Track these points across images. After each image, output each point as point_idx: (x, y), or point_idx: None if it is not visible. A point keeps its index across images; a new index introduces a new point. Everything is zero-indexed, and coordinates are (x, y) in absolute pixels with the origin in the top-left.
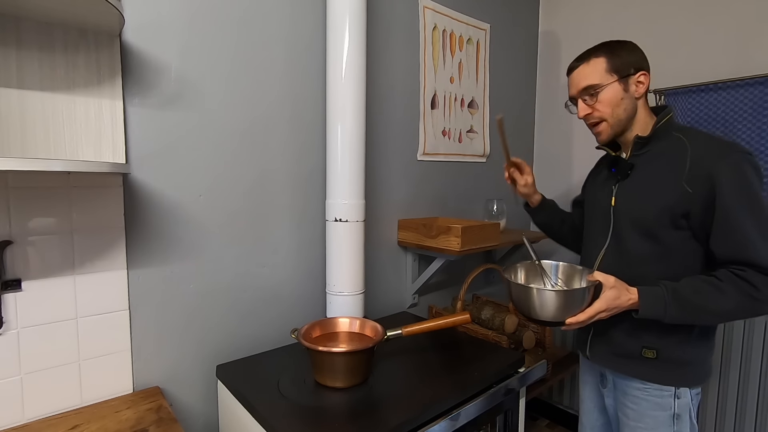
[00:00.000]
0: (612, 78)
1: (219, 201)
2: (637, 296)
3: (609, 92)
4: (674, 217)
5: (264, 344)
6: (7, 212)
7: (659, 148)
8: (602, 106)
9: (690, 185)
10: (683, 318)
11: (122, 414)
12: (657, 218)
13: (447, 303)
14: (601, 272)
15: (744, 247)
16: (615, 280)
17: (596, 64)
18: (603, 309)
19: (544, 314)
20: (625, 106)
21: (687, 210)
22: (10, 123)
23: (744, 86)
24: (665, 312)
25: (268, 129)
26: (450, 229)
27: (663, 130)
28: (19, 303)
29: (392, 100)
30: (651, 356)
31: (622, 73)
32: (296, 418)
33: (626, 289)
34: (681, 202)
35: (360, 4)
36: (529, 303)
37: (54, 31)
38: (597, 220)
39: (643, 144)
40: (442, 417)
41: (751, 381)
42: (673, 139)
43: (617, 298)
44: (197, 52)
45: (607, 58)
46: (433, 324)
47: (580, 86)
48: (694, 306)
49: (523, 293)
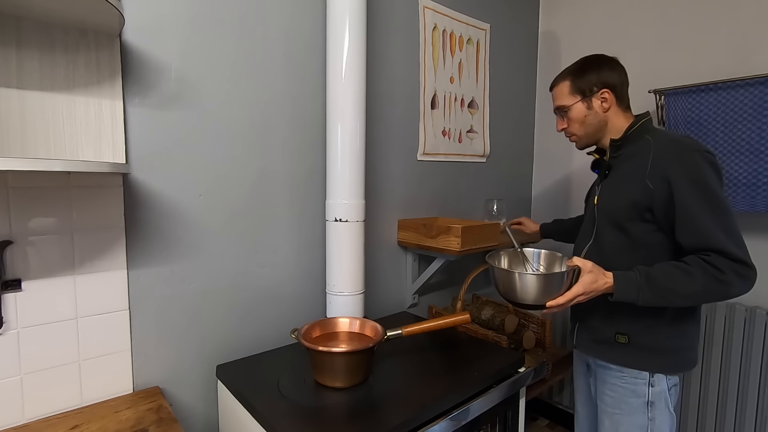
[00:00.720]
0: (575, 99)
1: (219, 201)
2: (612, 280)
3: (574, 112)
4: (640, 210)
5: (264, 344)
6: (7, 212)
7: (631, 149)
8: (571, 123)
9: (651, 182)
10: (655, 300)
11: (122, 414)
12: (626, 212)
13: (447, 303)
14: (579, 257)
15: (705, 237)
16: (592, 265)
17: (562, 87)
18: (581, 292)
19: (525, 298)
20: (591, 121)
21: (650, 204)
22: (10, 123)
23: (744, 86)
24: (638, 295)
25: (268, 129)
26: (450, 229)
27: (636, 134)
28: (19, 303)
29: (392, 100)
30: (623, 341)
31: (585, 94)
32: (296, 418)
33: (603, 274)
34: (644, 197)
35: (360, 4)
36: (511, 287)
37: (54, 31)
38: (587, 217)
39: (618, 147)
40: (442, 417)
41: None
42: (643, 141)
43: (594, 281)
44: (197, 52)
45: (571, 81)
46: (433, 324)
47: (555, 105)
48: (664, 289)
49: (505, 277)
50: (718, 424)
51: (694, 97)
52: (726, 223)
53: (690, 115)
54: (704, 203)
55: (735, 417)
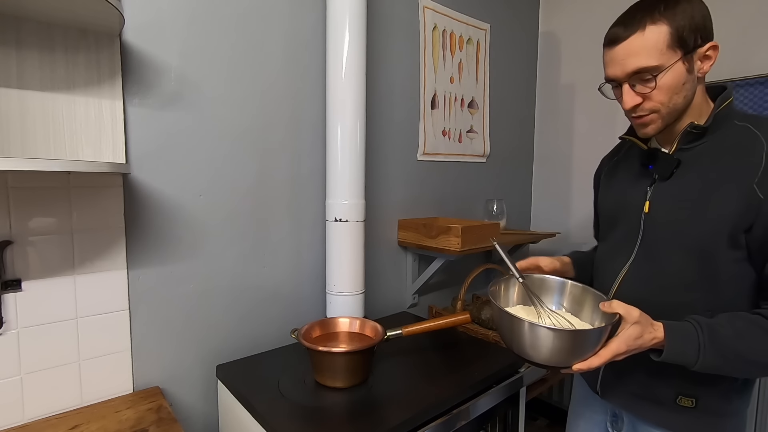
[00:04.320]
0: (676, 56)
1: (219, 201)
2: (662, 334)
3: (671, 76)
4: (735, 231)
5: (264, 344)
6: (7, 212)
7: (718, 140)
8: (660, 94)
9: (762, 189)
10: (717, 366)
11: (122, 414)
12: (714, 233)
13: (447, 303)
14: (621, 301)
15: None
16: (640, 314)
17: (656, 34)
18: (622, 351)
19: (540, 357)
20: (686, 91)
21: (752, 222)
22: (10, 123)
23: (744, 86)
24: (698, 357)
25: (268, 129)
26: (450, 229)
27: (723, 118)
28: (19, 303)
29: (392, 100)
30: (689, 405)
31: (687, 47)
32: (296, 418)
33: (651, 325)
34: (747, 212)
35: (360, 4)
36: (520, 340)
37: (54, 31)
38: (619, 228)
39: (698, 135)
40: (442, 417)
41: None
42: (737, 129)
43: (639, 336)
44: (197, 52)
45: (670, 25)
46: (433, 324)
47: (630, 68)
48: (735, 353)
49: (513, 327)
50: None
51: None
52: None
53: None
54: None
55: None
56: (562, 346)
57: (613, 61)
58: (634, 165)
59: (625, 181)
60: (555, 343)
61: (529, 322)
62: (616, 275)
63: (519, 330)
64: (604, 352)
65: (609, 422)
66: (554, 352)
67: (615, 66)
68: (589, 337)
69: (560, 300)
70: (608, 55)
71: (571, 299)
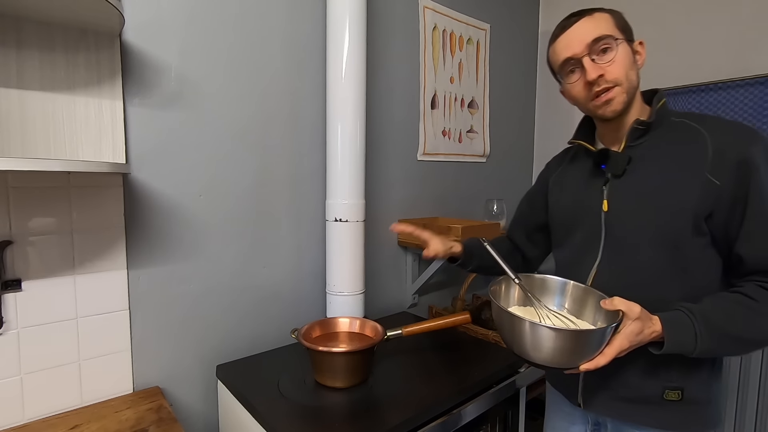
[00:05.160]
0: (622, 36)
1: (219, 201)
2: (660, 327)
3: (623, 51)
4: (697, 218)
5: (264, 344)
6: (7, 212)
7: (661, 136)
8: (617, 66)
9: (717, 176)
10: (714, 350)
11: (122, 414)
12: (677, 222)
13: (447, 303)
14: (623, 299)
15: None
16: (641, 310)
17: (602, 18)
18: (625, 347)
19: (539, 357)
20: (636, 72)
21: (712, 208)
22: (10, 123)
23: (744, 86)
24: (696, 345)
25: (268, 129)
26: (450, 229)
27: (662, 115)
28: (19, 303)
29: (392, 100)
30: (675, 398)
31: (628, 35)
32: (296, 418)
33: (649, 319)
34: (707, 199)
35: (360, 4)
36: (522, 342)
37: (54, 31)
38: (579, 232)
39: (643, 132)
40: (442, 417)
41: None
42: (676, 125)
43: (640, 331)
44: (197, 52)
45: (611, 15)
46: (433, 324)
47: (589, 38)
48: (729, 336)
49: (509, 325)
50: None
51: (694, 97)
52: None
53: None
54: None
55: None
56: (564, 346)
57: (569, 41)
58: (584, 169)
59: (578, 185)
60: (557, 344)
61: (531, 322)
62: (586, 276)
63: (520, 330)
64: (609, 350)
65: (590, 431)
66: (556, 353)
67: (572, 44)
68: (594, 336)
69: (561, 301)
70: (562, 40)
71: (572, 300)
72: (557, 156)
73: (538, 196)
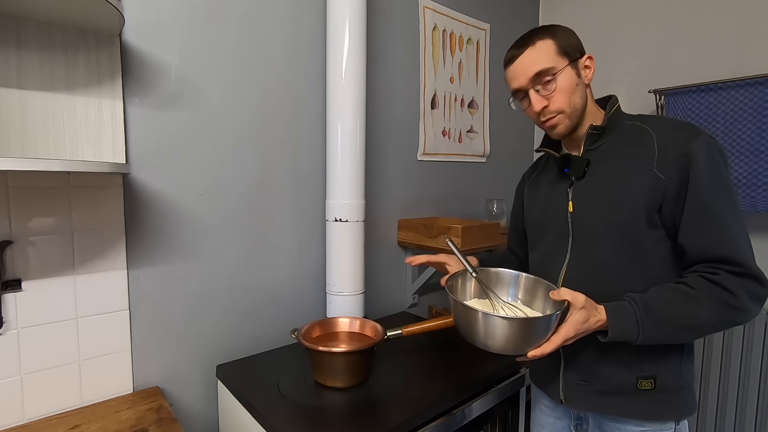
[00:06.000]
0: (564, 61)
1: (219, 201)
2: (605, 316)
3: (565, 78)
4: (650, 212)
5: (264, 344)
6: (7, 212)
7: (615, 138)
8: (559, 94)
9: (662, 172)
10: (656, 337)
11: (122, 414)
12: (632, 217)
13: (447, 303)
14: (567, 288)
15: (721, 240)
16: (585, 299)
17: (544, 47)
18: (571, 335)
19: (496, 346)
20: (581, 92)
21: (661, 201)
22: (10, 123)
23: (744, 86)
24: (639, 332)
25: (268, 128)
26: (450, 229)
27: (615, 119)
28: (19, 303)
29: (392, 100)
30: (648, 387)
31: (571, 56)
32: (296, 418)
33: (594, 308)
34: (656, 193)
35: (360, 4)
36: (474, 331)
37: (54, 31)
38: (549, 233)
39: (598, 136)
40: (442, 417)
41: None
42: (628, 127)
43: (586, 320)
44: (197, 52)
45: (553, 40)
46: (433, 324)
47: (531, 73)
48: (669, 322)
49: (467, 317)
50: (717, 425)
51: (694, 97)
52: (743, 227)
53: (690, 115)
54: (725, 198)
55: (735, 418)
56: (515, 333)
57: (515, 74)
58: (553, 174)
59: (548, 189)
60: (509, 332)
61: (483, 313)
62: (558, 275)
63: (474, 321)
64: (555, 337)
65: (573, 426)
66: (509, 341)
67: (518, 77)
68: (540, 324)
69: (515, 292)
70: (510, 72)
71: (524, 291)
72: (531, 166)
73: (518, 207)
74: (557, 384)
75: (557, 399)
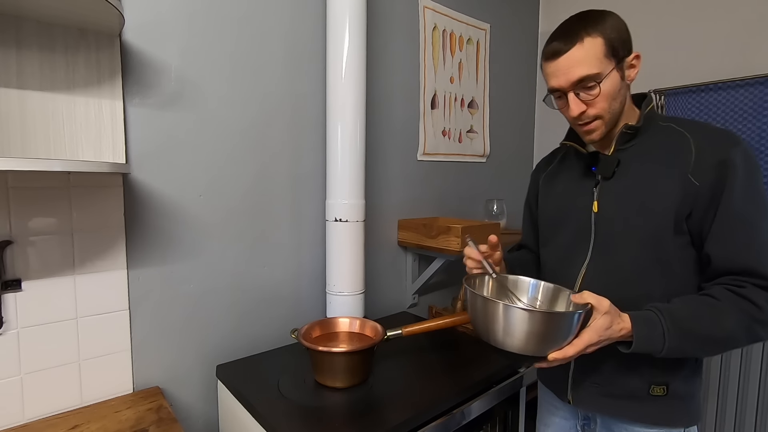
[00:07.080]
0: (611, 64)
1: (219, 201)
2: (629, 324)
3: (609, 83)
4: (678, 219)
5: (264, 344)
6: (7, 212)
7: (648, 139)
8: (602, 100)
9: (697, 177)
10: (681, 350)
11: (122, 414)
12: (660, 222)
13: (447, 303)
14: (591, 293)
15: (751, 252)
16: (609, 305)
17: (593, 46)
18: (594, 341)
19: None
20: (622, 97)
21: (691, 208)
22: (10, 123)
23: (744, 86)
24: (664, 344)
25: (268, 128)
26: (450, 229)
27: (649, 120)
28: (19, 303)
29: (392, 100)
30: (660, 393)
31: (619, 56)
32: (296, 418)
33: (619, 316)
34: (687, 199)
35: (360, 4)
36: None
37: (54, 31)
38: (567, 231)
39: (631, 136)
40: (442, 417)
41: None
42: (662, 129)
43: (609, 326)
44: (197, 52)
45: (603, 37)
46: (433, 324)
47: (574, 77)
48: (694, 335)
49: (487, 310)
50: (717, 425)
51: (694, 97)
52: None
53: (690, 116)
54: (760, 211)
55: (735, 418)
56: (536, 330)
57: (557, 73)
58: (575, 169)
59: (569, 185)
60: (529, 327)
61: (504, 304)
62: (576, 275)
63: (494, 314)
64: (578, 341)
65: (580, 426)
66: (529, 338)
67: (559, 77)
68: (563, 320)
69: (534, 297)
70: (551, 67)
71: (544, 297)
72: (546, 156)
73: (533, 198)
74: (565, 384)
75: (565, 399)
